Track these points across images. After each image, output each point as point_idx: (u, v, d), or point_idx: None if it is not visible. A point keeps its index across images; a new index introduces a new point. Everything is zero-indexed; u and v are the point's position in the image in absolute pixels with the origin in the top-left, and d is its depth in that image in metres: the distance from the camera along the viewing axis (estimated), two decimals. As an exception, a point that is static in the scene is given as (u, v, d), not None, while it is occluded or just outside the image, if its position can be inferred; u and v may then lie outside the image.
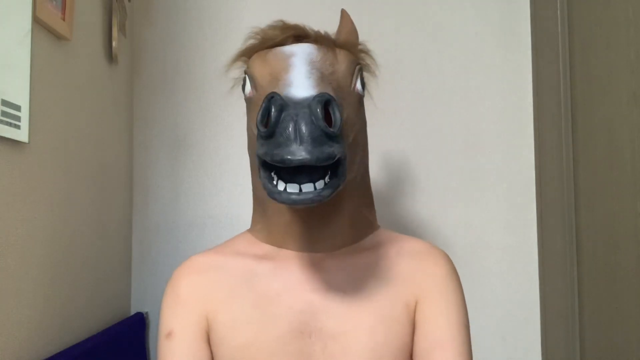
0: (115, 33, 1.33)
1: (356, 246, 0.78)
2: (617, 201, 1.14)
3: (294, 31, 0.73)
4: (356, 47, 0.76)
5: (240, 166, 1.47)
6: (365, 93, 0.77)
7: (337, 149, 0.57)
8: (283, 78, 0.65)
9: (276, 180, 0.60)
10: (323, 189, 0.59)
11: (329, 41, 0.73)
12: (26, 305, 0.96)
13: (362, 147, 0.76)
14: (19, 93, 0.91)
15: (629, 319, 1.10)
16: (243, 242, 0.80)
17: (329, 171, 0.60)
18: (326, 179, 0.60)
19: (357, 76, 0.73)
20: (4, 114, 0.86)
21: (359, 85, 0.74)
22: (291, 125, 0.56)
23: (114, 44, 1.33)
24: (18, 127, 0.90)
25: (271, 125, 0.56)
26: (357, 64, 0.74)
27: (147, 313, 1.45)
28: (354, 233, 0.78)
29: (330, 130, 0.56)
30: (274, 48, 0.71)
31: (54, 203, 1.06)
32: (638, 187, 1.06)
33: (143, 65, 1.53)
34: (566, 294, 1.34)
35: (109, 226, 1.34)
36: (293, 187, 0.59)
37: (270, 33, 0.73)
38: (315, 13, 0.91)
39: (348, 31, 0.82)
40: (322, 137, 0.56)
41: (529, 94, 1.44)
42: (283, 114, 0.56)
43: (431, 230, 1.43)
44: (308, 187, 0.59)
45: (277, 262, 0.75)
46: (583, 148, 1.29)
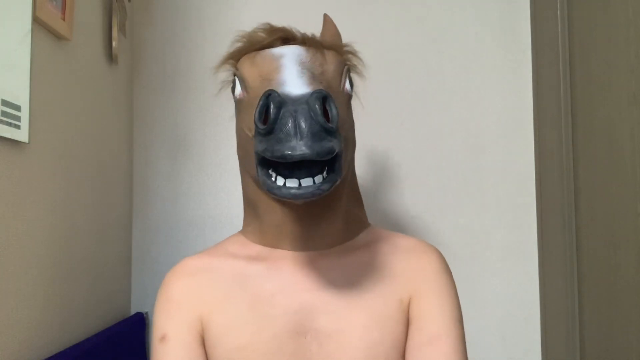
0: (115, 33, 1.33)
1: (349, 244, 0.78)
2: (617, 201, 1.14)
3: (282, 33, 0.73)
4: (343, 48, 0.77)
5: (240, 166, 1.47)
6: (353, 93, 0.78)
7: (336, 144, 0.58)
8: (275, 78, 0.66)
9: (275, 176, 0.60)
10: (322, 183, 0.60)
11: (317, 43, 0.74)
12: (26, 305, 0.96)
13: (352, 146, 0.77)
14: (19, 93, 0.91)
15: (629, 319, 1.10)
16: (235, 244, 0.80)
17: (327, 166, 0.61)
18: (324, 174, 0.61)
19: (346, 76, 0.74)
20: (4, 114, 0.86)
21: (348, 85, 0.75)
22: (290, 121, 0.56)
23: (114, 44, 1.33)
24: (18, 127, 0.90)
25: (270, 121, 0.57)
26: (345, 65, 0.75)
27: (147, 313, 1.45)
28: (347, 231, 0.79)
29: (329, 125, 0.57)
30: (262, 50, 0.72)
31: (54, 203, 1.06)
32: (638, 187, 1.06)
33: (143, 65, 1.53)
34: (566, 294, 1.34)
35: (109, 226, 1.34)
36: (292, 182, 0.60)
37: (257, 36, 0.74)
38: (314, 13, 0.91)
39: (332, 34, 0.83)
40: (322, 132, 0.57)
41: (529, 94, 1.44)
42: (282, 111, 0.57)
43: (431, 230, 1.43)
44: (307, 182, 0.60)
45: (270, 263, 0.75)
46: (583, 148, 1.29)
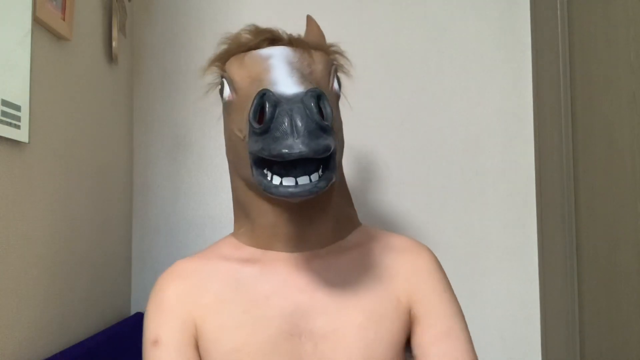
0: (115, 33, 1.33)
1: (342, 244, 0.79)
2: (617, 201, 1.14)
3: (268, 34, 0.73)
4: (329, 48, 0.77)
5: (240, 166, 1.47)
6: (341, 93, 0.78)
7: (331, 142, 0.58)
8: (265, 78, 0.66)
9: (271, 176, 0.61)
10: (319, 181, 0.60)
11: (304, 43, 0.74)
12: (26, 305, 0.96)
13: (341, 145, 0.77)
14: (19, 93, 0.91)
15: (629, 319, 1.10)
16: (227, 246, 0.80)
17: (322, 164, 0.61)
18: (320, 172, 0.61)
19: (334, 76, 0.75)
20: (4, 114, 0.86)
21: (336, 85, 0.75)
22: (287, 119, 0.56)
23: (114, 44, 1.33)
24: (18, 127, 0.90)
25: (266, 120, 0.57)
26: (333, 65, 0.75)
27: (147, 313, 1.45)
28: (338, 230, 0.79)
29: (324, 123, 0.57)
30: (250, 51, 0.72)
31: (54, 203, 1.06)
32: (638, 187, 1.06)
33: (143, 65, 1.53)
34: (566, 294, 1.34)
35: (109, 226, 1.34)
36: (289, 181, 0.60)
37: (243, 37, 0.74)
38: (314, 13, 0.91)
39: (316, 35, 0.83)
40: (318, 130, 0.57)
41: (529, 94, 1.44)
42: (277, 110, 0.57)
43: (431, 230, 1.43)
44: (304, 180, 0.60)
45: (264, 265, 0.75)
46: (583, 148, 1.29)
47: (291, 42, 0.73)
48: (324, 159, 0.61)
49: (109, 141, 1.35)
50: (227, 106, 0.74)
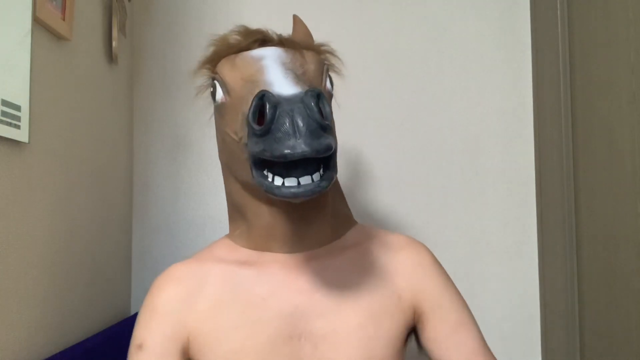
0: (115, 33, 1.33)
1: (339, 244, 0.78)
2: (617, 201, 1.14)
3: (259, 35, 0.73)
4: (320, 48, 0.77)
5: (240, 166, 1.47)
6: (333, 92, 0.78)
7: (332, 141, 0.58)
8: (259, 79, 0.65)
9: (272, 176, 0.60)
10: (321, 181, 0.60)
11: (295, 44, 0.73)
12: (26, 305, 0.96)
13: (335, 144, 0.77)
14: (19, 93, 0.91)
15: (629, 319, 1.10)
16: (223, 249, 0.79)
17: (322, 164, 0.61)
18: (321, 172, 0.61)
19: (326, 76, 0.75)
20: (4, 114, 0.86)
21: (329, 84, 0.75)
22: (288, 120, 0.56)
23: (114, 44, 1.33)
24: (18, 127, 0.90)
25: (267, 122, 0.57)
26: (324, 64, 0.75)
27: (147, 313, 1.45)
28: (335, 229, 0.79)
29: (325, 122, 0.57)
30: (241, 53, 0.72)
31: (54, 203, 1.06)
32: (638, 187, 1.06)
33: (143, 65, 1.53)
34: (566, 294, 1.34)
35: (109, 226, 1.34)
36: (291, 181, 0.60)
37: (233, 39, 0.73)
38: (314, 13, 0.91)
39: (303, 34, 0.83)
40: (318, 130, 0.57)
41: (529, 94, 1.44)
42: (278, 110, 0.57)
43: (431, 230, 1.43)
44: (306, 180, 0.60)
45: (260, 267, 0.74)
46: (583, 148, 1.29)
47: (282, 43, 0.73)
48: (325, 159, 0.61)
49: (109, 141, 1.35)
50: (220, 108, 0.73)
